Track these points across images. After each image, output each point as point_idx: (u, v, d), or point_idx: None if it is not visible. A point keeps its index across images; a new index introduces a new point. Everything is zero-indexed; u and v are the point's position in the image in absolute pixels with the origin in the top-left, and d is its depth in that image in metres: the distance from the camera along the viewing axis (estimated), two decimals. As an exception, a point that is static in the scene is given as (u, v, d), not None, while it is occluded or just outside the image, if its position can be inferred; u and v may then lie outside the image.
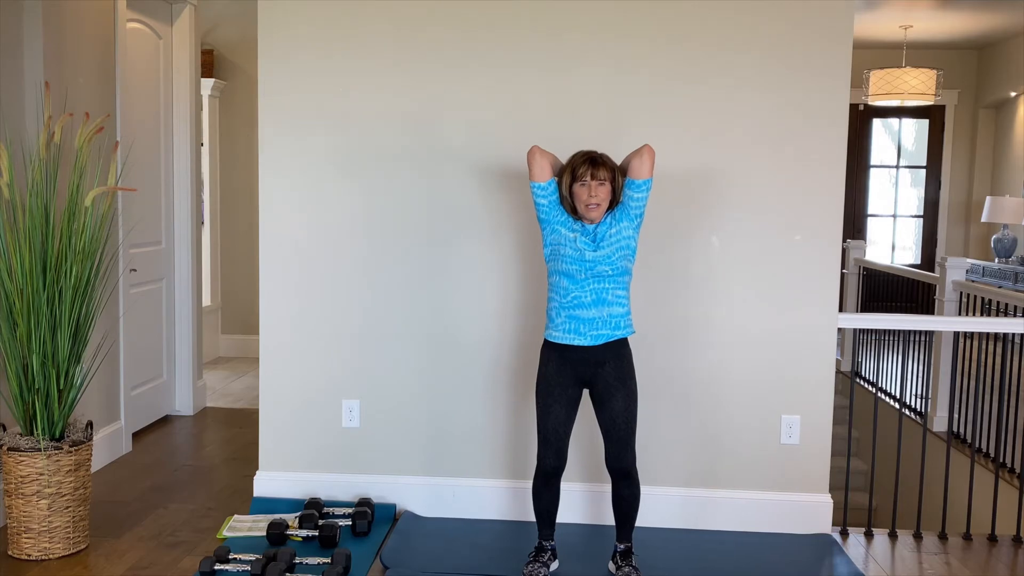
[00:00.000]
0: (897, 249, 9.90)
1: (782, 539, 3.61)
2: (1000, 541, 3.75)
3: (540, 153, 3.08)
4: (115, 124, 4.47)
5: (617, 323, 3.06)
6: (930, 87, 7.87)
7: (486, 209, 3.69)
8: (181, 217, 5.31)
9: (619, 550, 3.23)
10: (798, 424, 3.67)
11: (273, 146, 3.75)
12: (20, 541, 3.33)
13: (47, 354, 3.33)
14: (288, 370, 3.82)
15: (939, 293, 5.89)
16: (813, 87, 3.56)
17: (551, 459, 3.13)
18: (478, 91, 3.66)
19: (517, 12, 3.61)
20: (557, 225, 3.09)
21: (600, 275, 3.03)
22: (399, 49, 3.67)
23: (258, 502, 3.82)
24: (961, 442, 5.42)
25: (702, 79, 3.59)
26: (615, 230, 3.05)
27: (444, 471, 3.81)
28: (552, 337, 3.10)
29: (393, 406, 3.80)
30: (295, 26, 3.69)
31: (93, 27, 4.29)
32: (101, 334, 4.16)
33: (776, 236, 3.62)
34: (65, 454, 3.34)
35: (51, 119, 3.53)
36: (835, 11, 3.53)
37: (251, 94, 6.93)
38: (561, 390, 3.10)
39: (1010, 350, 3.91)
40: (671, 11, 3.57)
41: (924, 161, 9.73)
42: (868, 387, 6.69)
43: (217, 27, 7.14)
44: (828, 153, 3.58)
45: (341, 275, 3.77)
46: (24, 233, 3.31)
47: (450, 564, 3.31)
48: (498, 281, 3.72)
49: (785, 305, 3.64)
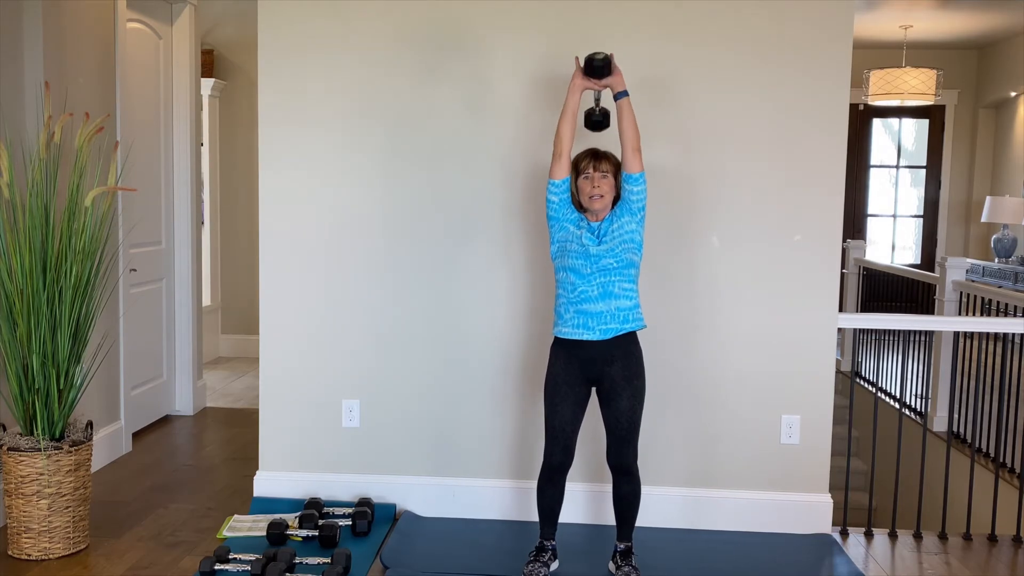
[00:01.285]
0: (897, 249, 9.90)
1: (782, 539, 3.61)
2: (1000, 541, 3.75)
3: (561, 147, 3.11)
4: (115, 124, 4.47)
5: (625, 316, 3.08)
6: (930, 87, 7.87)
7: (488, 207, 3.69)
8: (181, 217, 5.31)
9: (619, 550, 3.23)
10: (798, 424, 3.67)
11: (273, 146, 3.75)
12: (20, 541, 3.33)
13: (47, 354, 3.33)
14: (288, 370, 3.82)
15: (939, 293, 5.89)
16: (813, 87, 3.56)
17: (558, 454, 3.13)
18: (482, 90, 3.65)
19: (517, 12, 3.61)
20: (565, 223, 3.13)
21: (605, 268, 3.05)
22: (399, 48, 3.67)
23: (258, 502, 3.82)
24: (961, 442, 5.42)
25: (702, 78, 3.59)
26: (617, 224, 3.10)
27: (444, 471, 3.80)
28: (561, 333, 3.11)
29: (393, 406, 3.80)
30: (295, 26, 3.69)
31: (93, 27, 4.29)
32: (101, 334, 4.16)
33: (776, 236, 3.62)
34: (65, 454, 3.34)
35: (51, 119, 3.53)
36: (835, 11, 3.53)
37: (251, 94, 6.93)
38: (568, 389, 3.11)
39: (1010, 350, 3.91)
40: (671, 11, 3.57)
41: (924, 161, 9.73)
42: (868, 387, 6.69)
43: (217, 27, 7.14)
44: (828, 153, 3.58)
45: (341, 275, 3.77)
46: (24, 233, 3.31)
47: (450, 564, 3.31)
48: (499, 280, 3.72)
49: (785, 305, 3.64)
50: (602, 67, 3.07)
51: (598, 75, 3.10)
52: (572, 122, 3.12)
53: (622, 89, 3.11)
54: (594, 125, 3.23)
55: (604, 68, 3.08)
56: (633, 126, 3.09)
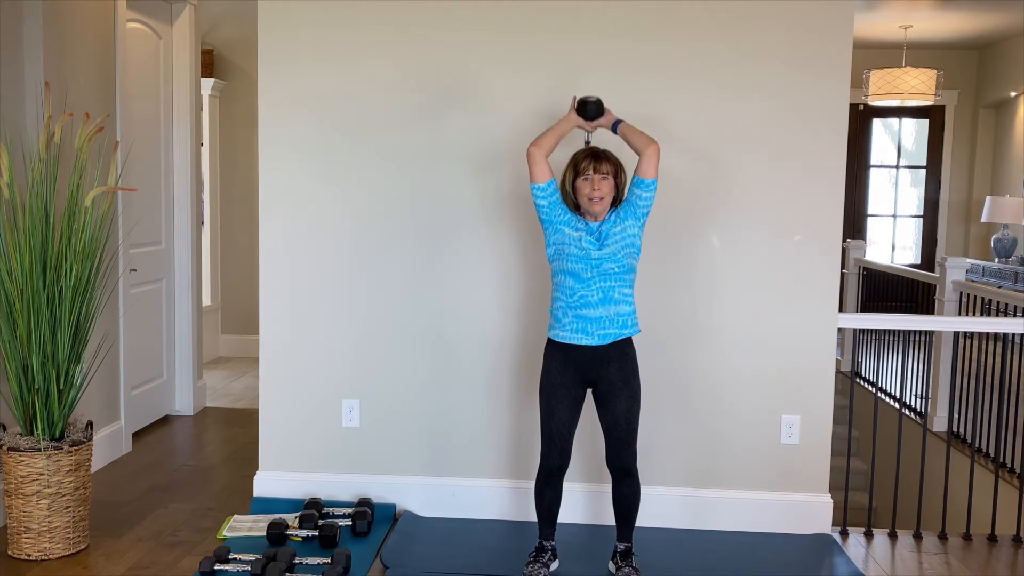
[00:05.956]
0: (897, 249, 9.90)
1: (782, 539, 3.61)
2: (1000, 541, 3.75)
3: (538, 153, 3.08)
4: (115, 124, 4.47)
5: (624, 322, 3.06)
6: (930, 87, 7.88)
7: (488, 208, 3.69)
8: (181, 217, 5.31)
9: (619, 550, 3.23)
10: (798, 424, 3.67)
11: (273, 146, 3.75)
12: (20, 541, 3.33)
13: (47, 354, 3.33)
14: (288, 370, 3.82)
15: (939, 293, 5.89)
16: (813, 87, 3.56)
17: (555, 458, 3.13)
18: (479, 90, 3.65)
19: (517, 13, 3.61)
20: (560, 225, 3.08)
21: (606, 273, 3.02)
22: (399, 48, 3.67)
23: (258, 502, 3.82)
24: (961, 442, 5.42)
25: (702, 79, 3.59)
26: (619, 228, 3.06)
27: (444, 471, 3.81)
28: (558, 337, 3.09)
29: (393, 406, 3.80)
30: (295, 26, 3.69)
31: (93, 27, 4.29)
32: (101, 334, 4.16)
33: (776, 236, 3.62)
34: (65, 454, 3.34)
35: (51, 119, 3.53)
36: (835, 11, 3.53)
37: (251, 94, 6.93)
38: (565, 391, 3.10)
39: (1010, 350, 3.91)
40: (671, 11, 3.57)
41: (924, 161, 9.73)
42: (868, 387, 6.68)
43: (217, 27, 7.14)
44: (828, 153, 3.58)
45: (342, 274, 3.77)
46: (24, 233, 3.31)
47: (450, 564, 3.31)
48: (500, 280, 3.72)
49: (785, 305, 3.64)
50: (595, 111, 3.19)
51: (590, 117, 3.20)
52: (556, 142, 3.15)
53: (615, 121, 3.18)
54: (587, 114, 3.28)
55: (596, 112, 3.20)
56: (642, 138, 3.10)
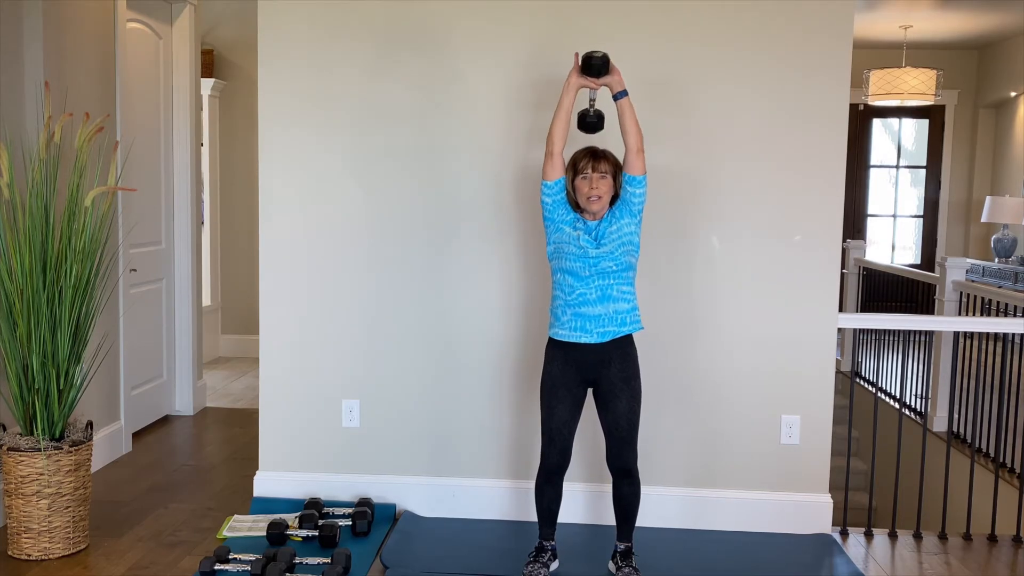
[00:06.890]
0: (897, 249, 9.90)
1: (782, 539, 3.61)
2: (1000, 541, 3.75)
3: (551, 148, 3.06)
4: (115, 124, 4.47)
5: (623, 319, 3.06)
6: (930, 87, 7.87)
7: (489, 207, 3.69)
8: (181, 217, 5.31)
9: (619, 550, 3.23)
10: (798, 424, 3.67)
11: (273, 146, 3.75)
12: (20, 541, 3.33)
13: (47, 354, 3.33)
14: (288, 370, 3.82)
15: (939, 293, 5.89)
16: (813, 87, 3.56)
17: (555, 457, 3.13)
18: (479, 88, 3.66)
19: (516, 13, 3.61)
20: (561, 223, 3.09)
21: (604, 271, 3.03)
22: (399, 48, 3.67)
23: (258, 502, 3.82)
24: (961, 442, 5.42)
25: (702, 79, 3.59)
26: (616, 226, 3.06)
27: (444, 471, 3.81)
28: (558, 335, 3.09)
29: (393, 406, 3.80)
30: (294, 26, 3.69)
31: (93, 27, 4.29)
32: (101, 334, 4.16)
33: (776, 236, 3.62)
34: (65, 454, 3.34)
35: (51, 119, 3.53)
36: (835, 11, 3.53)
37: (251, 94, 6.93)
38: (565, 390, 3.10)
39: (1010, 350, 3.91)
40: (671, 11, 3.57)
41: (924, 161, 9.73)
42: (868, 387, 6.69)
43: (217, 27, 7.13)
44: (828, 153, 3.58)
45: (342, 274, 3.77)
46: (24, 233, 3.31)
47: (450, 564, 3.31)
48: (501, 280, 3.72)
49: (785, 305, 3.64)
50: (600, 65, 3.01)
51: (596, 73, 3.02)
52: (566, 121, 3.06)
53: (621, 89, 3.05)
54: (588, 127, 3.16)
55: (602, 67, 3.01)
56: (635, 126, 3.06)
